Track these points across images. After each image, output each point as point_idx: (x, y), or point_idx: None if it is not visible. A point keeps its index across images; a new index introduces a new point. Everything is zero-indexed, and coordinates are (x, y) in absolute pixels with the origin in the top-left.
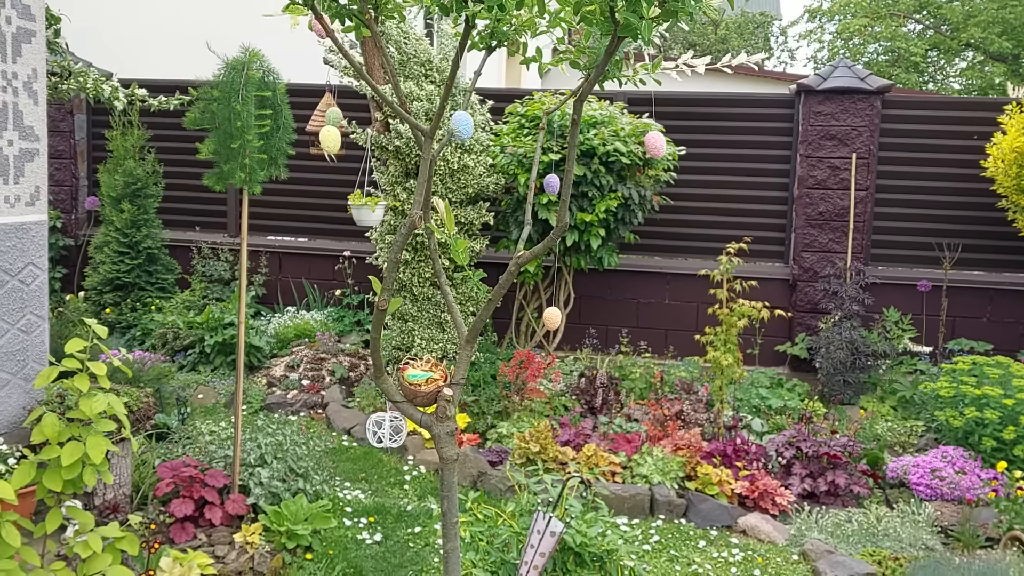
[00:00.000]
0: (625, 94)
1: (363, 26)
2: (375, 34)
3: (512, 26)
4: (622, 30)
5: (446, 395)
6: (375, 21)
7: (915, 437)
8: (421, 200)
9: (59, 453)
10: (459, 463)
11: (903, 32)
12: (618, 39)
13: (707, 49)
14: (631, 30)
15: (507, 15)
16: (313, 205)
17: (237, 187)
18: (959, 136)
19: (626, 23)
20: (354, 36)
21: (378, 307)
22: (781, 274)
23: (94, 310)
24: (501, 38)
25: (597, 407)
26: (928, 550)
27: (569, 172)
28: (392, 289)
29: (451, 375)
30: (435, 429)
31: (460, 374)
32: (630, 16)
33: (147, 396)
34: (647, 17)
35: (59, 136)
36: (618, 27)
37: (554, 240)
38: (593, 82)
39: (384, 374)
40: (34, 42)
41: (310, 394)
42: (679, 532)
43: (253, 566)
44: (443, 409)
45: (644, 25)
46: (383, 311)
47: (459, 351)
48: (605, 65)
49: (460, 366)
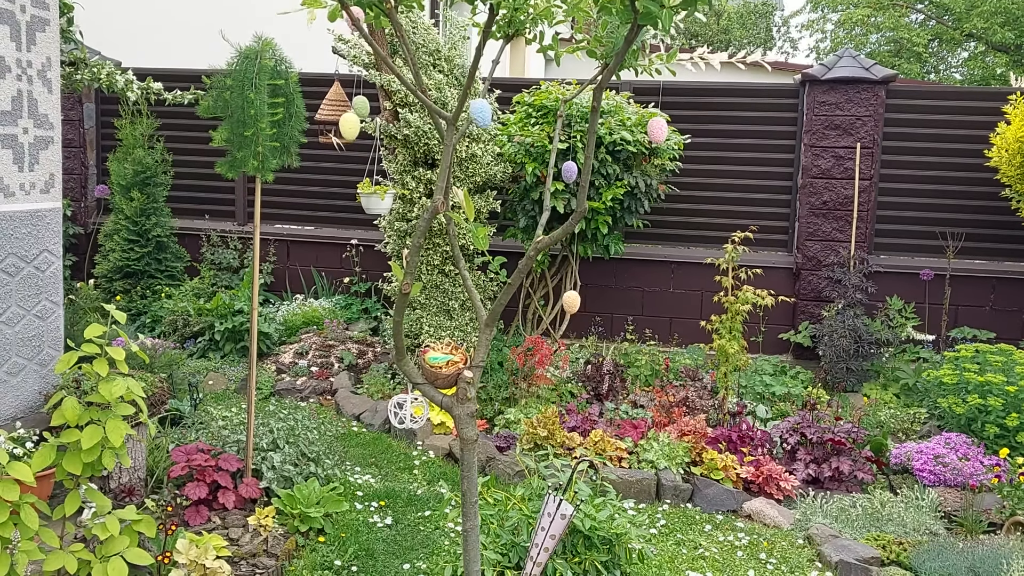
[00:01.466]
0: (631, 84)
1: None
2: (396, 23)
3: (530, 15)
4: (642, 18)
5: (466, 377)
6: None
7: (918, 424)
8: (443, 187)
9: (79, 436)
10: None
11: (905, 22)
12: (637, 27)
13: (709, 39)
14: (651, 18)
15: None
16: (321, 194)
17: (250, 175)
18: (963, 126)
19: (646, 11)
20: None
21: (401, 291)
22: (785, 263)
23: (104, 298)
24: (519, 27)
25: (603, 394)
26: (932, 535)
27: (588, 159)
28: (414, 274)
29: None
30: (456, 410)
31: (480, 356)
32: (650, 4)
33: (161, 381)
34: (668, 6)
35: (69, 125)
36: (638, 15)
37: (573, 224)
38: (612, 70)
39: (405, 356)
40: (48, 30)
41: (319, 380)
42: (685, 516)
43: (267, 548)
44: (463, 390)
45: (664, 14)
46: (406, 295)
47: (479, 334)
48: (624, 53)
49: (480, 349)
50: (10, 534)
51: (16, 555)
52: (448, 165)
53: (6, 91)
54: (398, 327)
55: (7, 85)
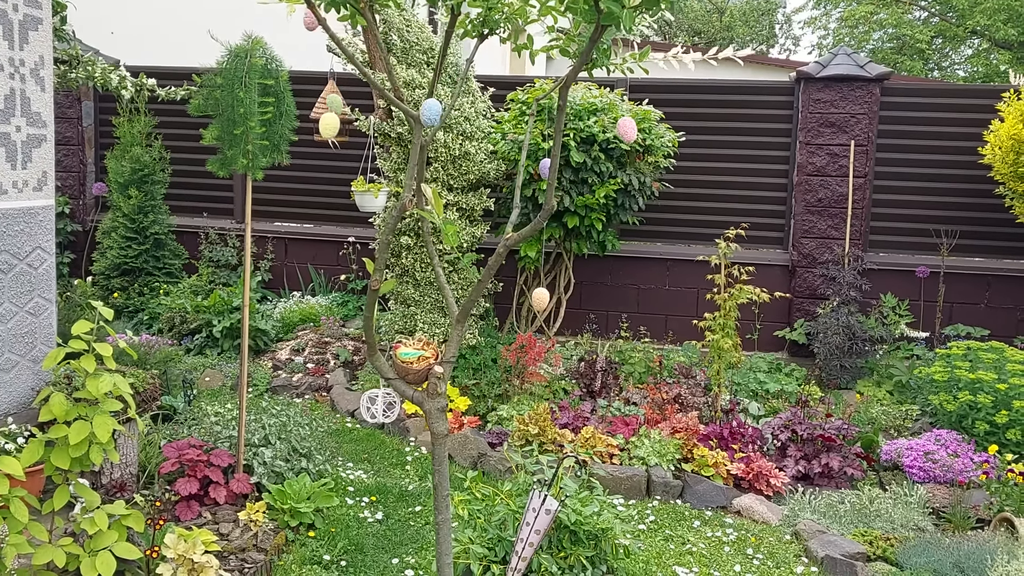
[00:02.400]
0: (626, 81)
1: (359, 14)
2: (371, 22)
3: (504, 14)
4: (604, 18)
5: (436, 372)
6: (370, 9)
7: (910, 421)
8: (411, 184)
9: (67, 432)
10: (460, 444)
11: (908, 19)
12: (601, 27)
13: (712, 37)
14: (613, 18)
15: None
16: (319, 191)
17: (240, 173)
18: (958, 123)
19: (608, 12)
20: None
21: (371, 287)
22: (781, 260)
23: (102, 295)
24: (492, 26)
25: (596, 391)
26: (919, 531)
27: (555, 157)
28: (384, 269)
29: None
30: (426, 405)
31: (451, 352)
32: (612, 5)
33: (153, 378)
34: (628, 6)
35: (67, 123)
36: (601, 15)
37: (541, 222)
38: (577, 70)
39: (378, 352)
40: (41, 29)
41: (315, 377)
42: (675, 512)
43: (256, 543)
44: (434, 386)
45: (626, 14)
46: (375, 291)
47: (451, 330)
48: (589, 53)
49: (451, 345)
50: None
51: (4, 548)
52: (417, 162)
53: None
54: (368, 322)
55: (0, 84)
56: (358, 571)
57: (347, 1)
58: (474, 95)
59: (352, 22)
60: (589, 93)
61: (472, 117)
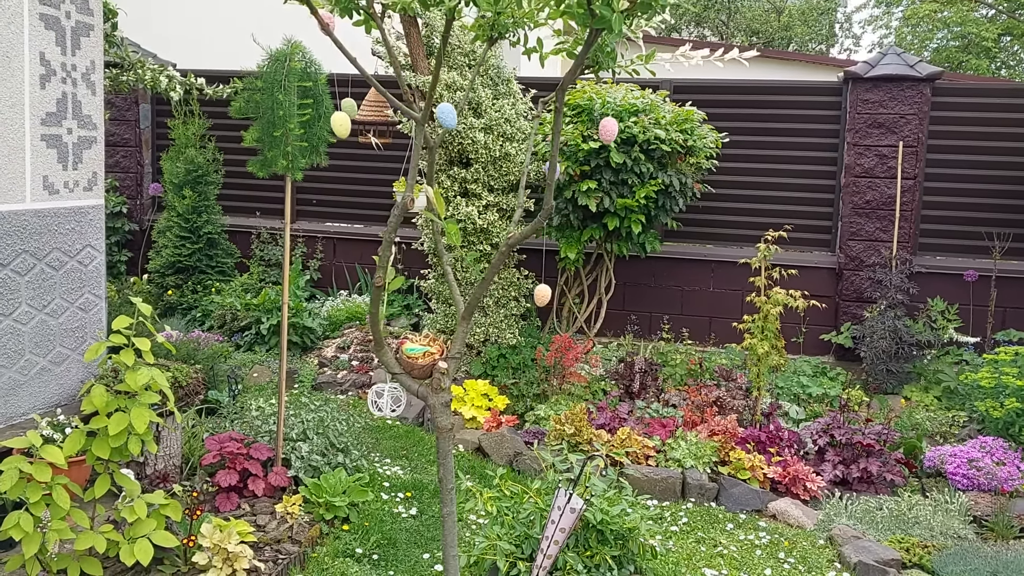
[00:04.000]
0: (671, 83)
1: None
2: (381, 28)
3: (513, 19)
4: (597, 22)
5: (441, 368)
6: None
7: (957, 427)
8: (411, 183)
9: (106, 423)
10: (496, 443)
11: (974, 17)
12: (596, 31)
13: (770, 36)
14: (605, 22)
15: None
16: (366, 192)
17: (280, 173)
18: (1011, 123)
19: (601, 16)
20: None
21: (375, 284)
22: (828, 263)
23: (157, 292)
24: (502, 30)
25: (635, 392)
26: (959, 539)
27: (554, 157)
28: (387, 267)
29: (448, 349)
30: (430, 400)
31: (456, 348)
32: (604, 10)
33: (196, 372)
34: (617, 10)
35: (125, 125)
36: (594, 19)
37: (540, 223)
38: (574, 72)
39: (385, 347)
40: (92, 35)
41: (359, 374)
42: (708, 515)
43: (292, 535)
44: (438, 381)
45: (615, 18)
46: (380, 288)
47: (457, 327)
48: (584, 57)
49: (456, 341)
50: (40, 513)
51: (47, 533)
52: (416, 164)
53: (51, 94)
54: (374, 318)
55: (52, 88)
56: (389, 565)
57: (359, 7)
58: (515, 96)
59: (366, 27)
60: (630, 94)
61: (512, 119)
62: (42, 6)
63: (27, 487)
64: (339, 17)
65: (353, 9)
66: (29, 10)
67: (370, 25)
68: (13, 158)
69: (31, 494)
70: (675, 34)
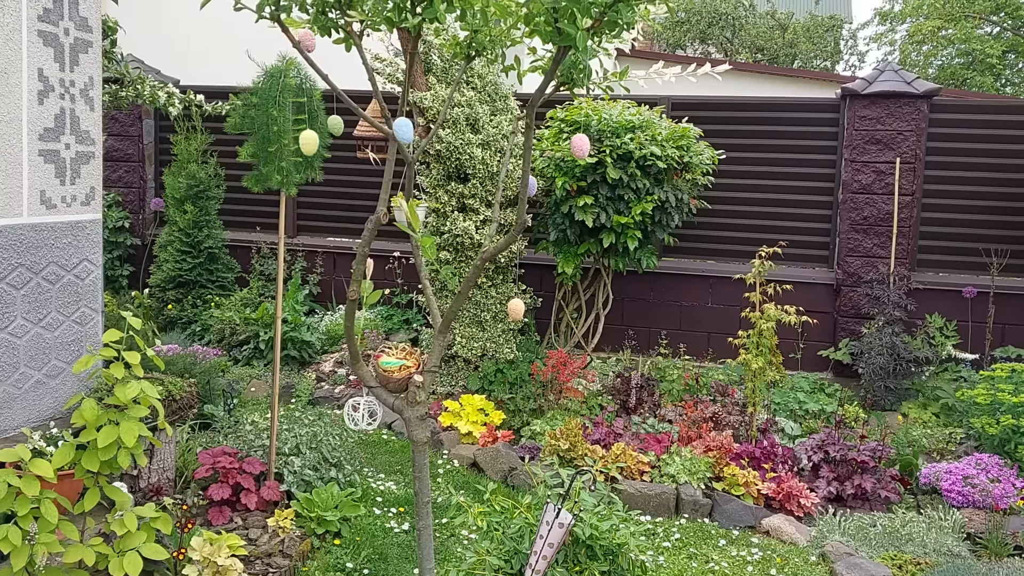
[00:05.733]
0: (669, 100)
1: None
2: (359, 46)
3: (490, 37)
4: (564, 40)
5: (416, 381)
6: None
7: (954, 444)
8: (385, 198)
9: (95, 436)
10: (491, 458)
11: (978, 34)
12: (564, 49)
13: (775, 53)
14: (570, 39)
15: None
16: (366, 207)
17: (275, 188)
18: (1009, 140)
19: (566, 34)
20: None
21: (349, 298)
22: (825, 279)
23: (158, 306)
24: (479, 48)
25: (631, 407)
26: (952, 556)
27: (526, 173)
28: (361, 280)
29: (423, 362)
30: (406, 413)
31: (433, 362)
32: (569, 27)
33: (191, 386)
34: (581, 28)
35: (128, 140)
36: (561, 37)
37: (514, 237)
38: (542, 90)
39: (360, 361)
40: (91, 52)
41: (356, 389)
42: (701, 531)
43: (283, 549)
44: (413, 394)
45: (579, 35)
46: (354, 301)
47: (433, 340)
48: (552, 74)
49: (433, 354)
50: (28, 526)
51: (35, 547)
52: (391, 177)
53: (49, 109)
54: (349, 331)
55: (51, 103)
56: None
57: (339, 26)
58: (512, 113)
59: (346, 46)
60: (627, 111)
61: (510, 135)
62: (41, 23)
63: (16, 500)
64: (319, 36)
65: (332, 28)
66: (28, 27)
67: (350, 43)
68: (11, 173)
69: (19, 507)
70: (679, 50)
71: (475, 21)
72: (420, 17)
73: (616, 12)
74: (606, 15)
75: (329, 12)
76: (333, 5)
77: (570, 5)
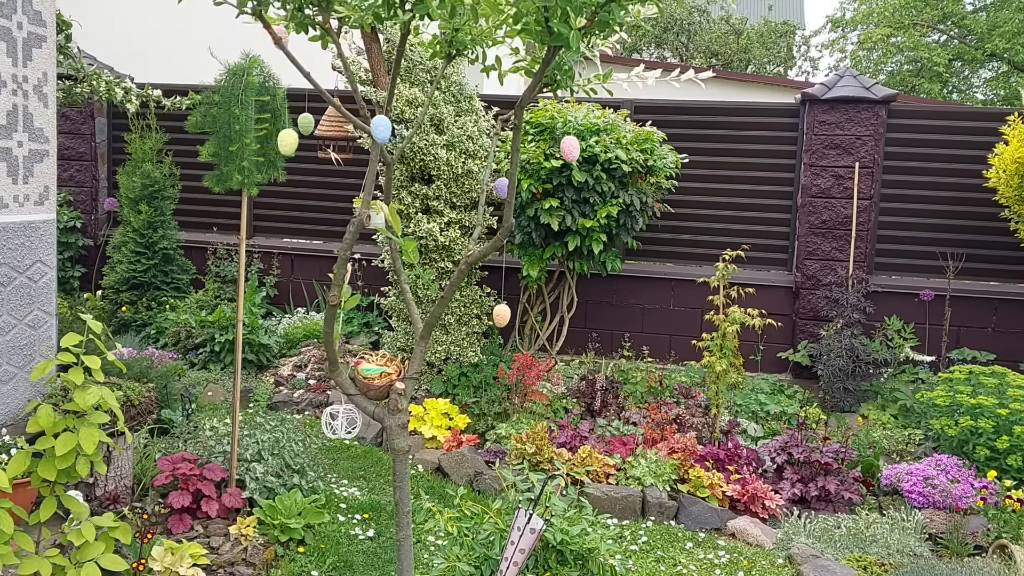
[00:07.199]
0: (632, 103)
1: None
2: (337, 44)
3: (471, 36)
4: (555, 40)
5: (398, 389)
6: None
7: (913, 445)
8: (367, 199)
9: (53, 443)
10: (457, 462)
11: (926, 42)
12: (554, 49)
13: (729, 58)
14: (563, 39)
15: (466, 25)
16: (325, 208)
17: (236, 188)
18: (963, 146)
19: (558, 33)
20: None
21: (329, 303)
22: (784, 281)
23: (111, 308)
24: (459, 47)
25: (596, 410)
26: (915, 556)
27: (513, 175)
28: (342, 285)
29: (404, 369)
30: (387, 421)
31: (414, 368)
32: (562, 27)
33: (149, 391)
34: (574, 27)
35: (80, 139)
36: (552, 37)
37: (500, 241)
38: (532, 90)
39: (339, 368)
40: (44, 47)
41: (316, 393)
42: (668, 533)
43: (246, 557)
44: (395, 402)
45: (572, 35)
46: (334, 306)
47: (415, 347)
48: (542, 74)
49: (414, 361)
50: None
51: None
52: (373, 179)
53: (1, 106)
54: (328, 337)
55: (2, 100)
56: None
57: (316, 23)
58: (477, 114)
59: (323, 43)
60: (592, 113)
61: (475, 136)
62: None
63: None
64: (295, 33)
65: (309, 25)
66: None
67: (326, 41)
68: None
69: None
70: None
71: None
72: (410, 13)
73: (608, 12)
74: (597, 15)
75: (306, 8)
76: (312, 1)
77: (562, 4)
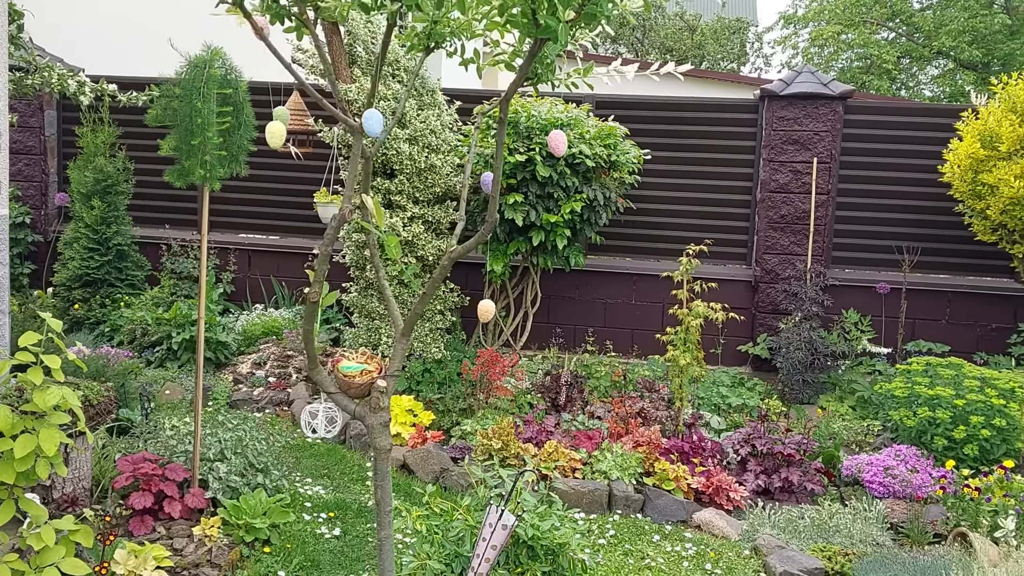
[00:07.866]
0: (594, 98)
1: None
2: (314, 35)
3: (450, 28)
4: (541, 32)
5: (379, 386)
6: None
7: (872, 436)
8: (350, 194)
9: (11, 446)
10: (422, 459)
11: (875, 39)
12: (540, 41)
13: (683, 54)
14: (550, 32)
15: (445, 17)
16: (283, 203)
17: (198, 183)
18: (919, 141)
19: (546, 26)
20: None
21: (310, 299)
22: (744, 276)
23: (63, 306)
24: (438, 40)
25: (561, 405)
26: (878, 546)
27: (498, 169)
28: (323, 281)
29: (386, 367)
30: (368, 420)
31: (395, 366)
32: (549, 19)
33: (108, 391)
34: (563, 20)
35: (29, 132)
36: (539, 29)
37: (484, 236)
38: (517, 83)
39: (318, 366)
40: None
41: (276, 391)
42: (635, 527)
43: (211, 559)
44: (376, 400)
45: (561, 28)
46: (315, 303)
47: (394, 344)
48: (528, 68)
49: (395, 358)
50: None
51: None
52: (357, 172)
53: None
54: (308, 335)
55: None
56: None
57: (291, 14)
58: (440, 108)
59: (298, 34)
60: (555, 108)
61: (438, 130)
62: None
63: None
64: (270, 24)
65: (284, 16)
66: None
67: (302, 32)
68: None
69: None
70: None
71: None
72: (399, 4)
73: (596, 4)
74: (585, 7)
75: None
76: None
77: None
